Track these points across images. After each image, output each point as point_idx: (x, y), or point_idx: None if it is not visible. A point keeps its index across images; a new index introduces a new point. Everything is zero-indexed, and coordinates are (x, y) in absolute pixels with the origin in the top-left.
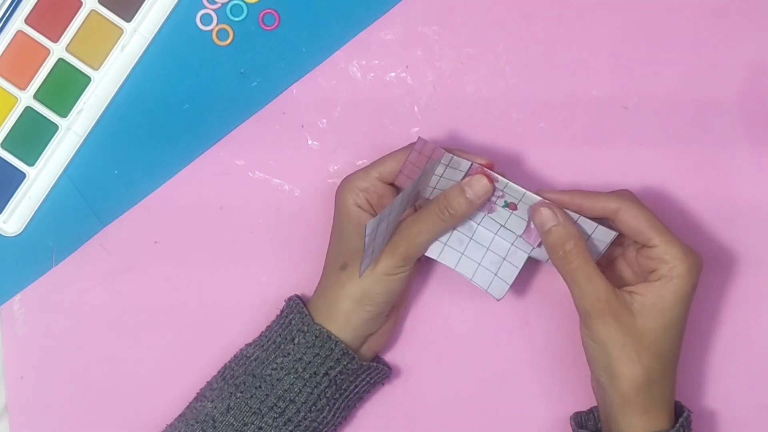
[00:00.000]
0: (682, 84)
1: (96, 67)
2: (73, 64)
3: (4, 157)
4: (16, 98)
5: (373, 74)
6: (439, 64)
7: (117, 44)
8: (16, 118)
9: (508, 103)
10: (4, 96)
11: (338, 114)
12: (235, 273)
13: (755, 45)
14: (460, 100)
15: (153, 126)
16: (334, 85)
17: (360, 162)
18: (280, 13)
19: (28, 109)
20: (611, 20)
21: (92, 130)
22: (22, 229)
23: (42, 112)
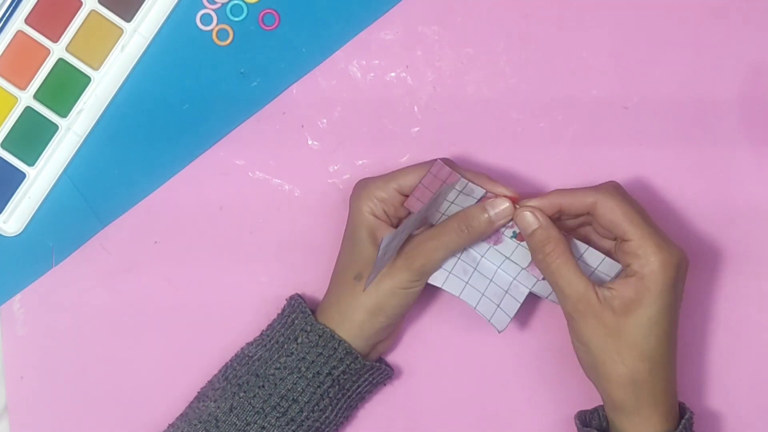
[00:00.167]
0: (682, 84)
1: (96, 67)
2: (73, 64)
3: (4, 157)
4: (16, 98)
5: (373, 74)
6: (439, 64)
7: (117, 44)
8: (16, 118)
9: (508, 103)
10: (4, 96)
11: (338, 114)
12: (235, 273)
13: (755, 45)
14: (460, 100)
15: (153, 126)
16: (334, 85)
17: (360, 162)
18: (280, 13)
19: (28, 109)
20: (611, 20)
21: (92, 130)
22: (22, 229)
23: (42, 112)
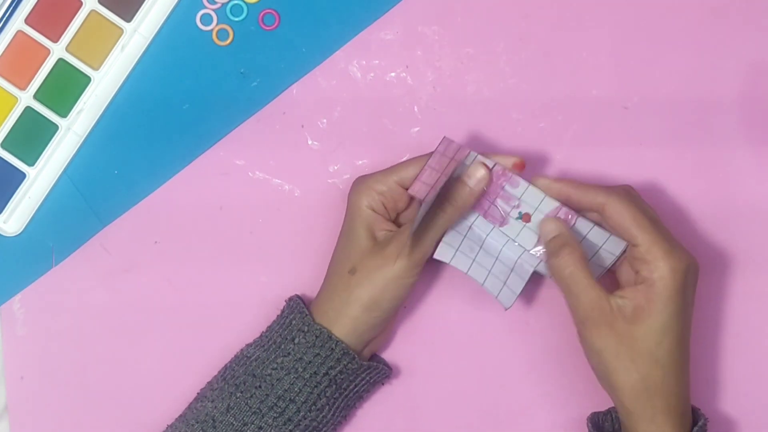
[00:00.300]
0: (682, 84)
1: (96, 67)
2: (73, 64)
3: (4, 157)
4: (16, 98)
5: (373, 74)
6: (439, 64)
7: (117, 44)
8: (16, 118)
9: (508, 103)
10: (4, 96)
11: (338, 114)
12: (235, 273)
13: (755, 45)
14: (460, 100)
15: (153, 126)
16: (334, 85)
17: (360, 162)
18: (280, 13)
19: (28, 109)
20: (611, 20)
21: (92, 130)
22: (22, 229)
23: (42, 112)
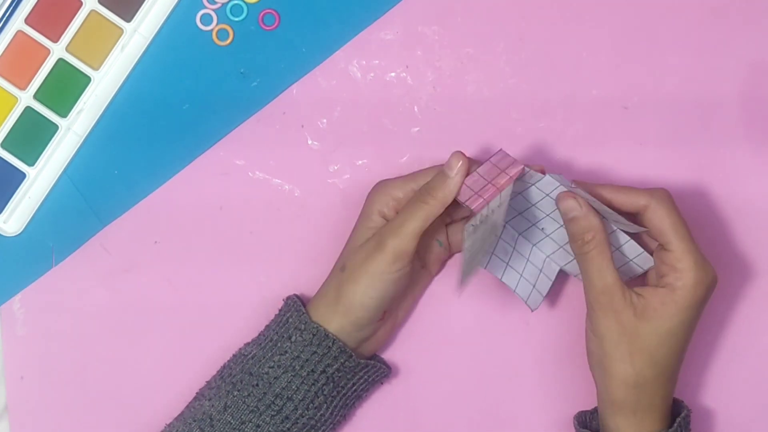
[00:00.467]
0: (682, 84)
1: (96, 67)
2: (73, 64)
3: (4, 157)
4: (16, 98)
5: (373, 74)
6: (439, 64)
7: (117, 44)
8: (16, 118)
9: (508, 103)
10: (4, 96)
11: (338, 114)
12: (235, 273)
13: (755, 45)
14: (460, 100)
15: (153, 126)
16: (334, 85)
17: (360, 162)
18: (280, 13)
19: (28, 109)
20: (611, 20)
21: (92, 130)
22: (22, 229)
23: (42, 112)
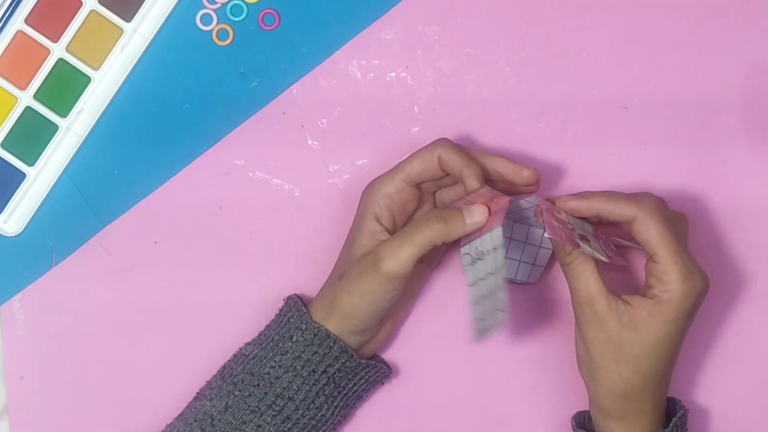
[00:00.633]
0: (682, 84)
1: (96, 67)
2: (73, 64)
3: (4, 157)
4: (16, 98)
5: (373, 74)
6: (439, 64)
7: (117, 44)
8: (16, 118)
9: (508, 103)
10: (4, 96)
11: (338, 114)
12: (235, 273)
13: (755, 45)
14: (460, 100)
15: (153, 126)
16: (334, 85)
17: (360, 162)
18: (280, 13)
19: (28, 109)
20: (611, 20)
21: (92, 130)
22: (22, 229)
23: (42, 112)
